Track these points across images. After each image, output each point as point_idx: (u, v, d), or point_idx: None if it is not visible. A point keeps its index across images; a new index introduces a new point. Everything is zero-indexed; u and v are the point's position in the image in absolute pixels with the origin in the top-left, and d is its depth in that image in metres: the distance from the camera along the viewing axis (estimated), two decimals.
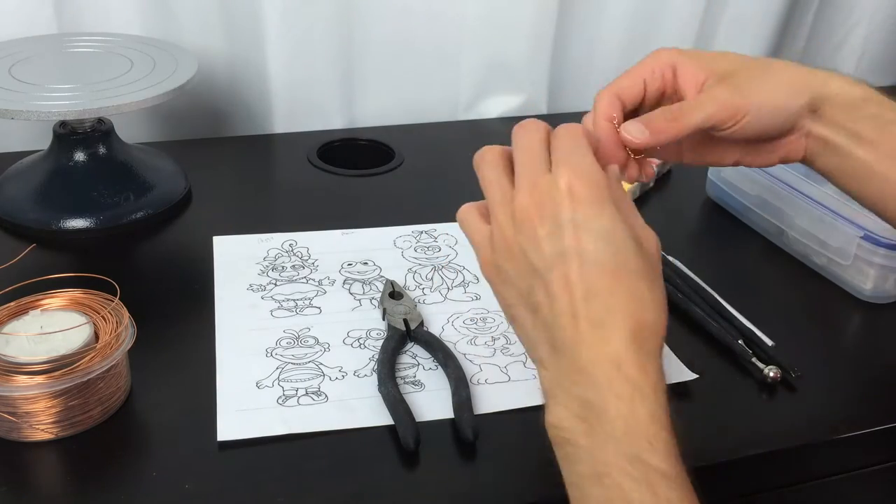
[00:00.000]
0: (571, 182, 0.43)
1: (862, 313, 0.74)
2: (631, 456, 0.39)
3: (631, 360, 0.41)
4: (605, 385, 0.41)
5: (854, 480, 0.64)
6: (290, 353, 0.64)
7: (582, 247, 0.42)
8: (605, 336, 0.41)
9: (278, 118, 1.02)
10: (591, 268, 0.42)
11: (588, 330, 0.42)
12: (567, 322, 0.42)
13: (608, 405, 0.40)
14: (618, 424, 0.40)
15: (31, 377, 0.53)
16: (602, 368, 0.41)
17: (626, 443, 0.40)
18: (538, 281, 0.44)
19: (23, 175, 0.83)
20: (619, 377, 0.41)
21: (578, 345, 0.42)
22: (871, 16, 1.24)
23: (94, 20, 0.91)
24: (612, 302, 0.42)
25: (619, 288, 0.42)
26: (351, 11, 0.99)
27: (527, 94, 1.11)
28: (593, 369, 0.41)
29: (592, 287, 0.42)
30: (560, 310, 0.42)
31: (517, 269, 0.45)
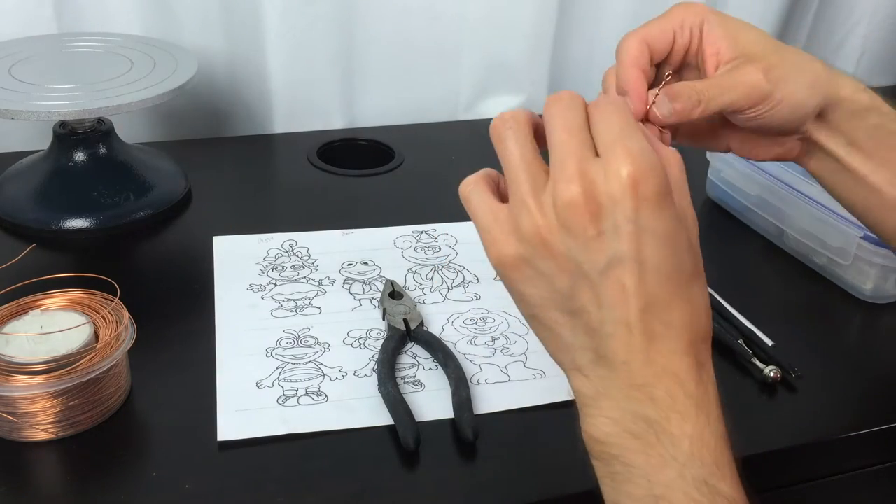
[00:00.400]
0: (634, 173, 0.37)
1: (862, 313, 0.74)
2: (698, 480, 0.37)
3: (690, 376, 0.38)
4: (666, 403, 0.38)
5: (854, 480, 0.64)
6: (290, 353, 0.64)
7: (643, 252, 0.38)
8: (662, 350, 0.38)
9: (278, 118, 1.02)
10: (651, 276, 0.38)
11: (644, 343, 0.38)
12: (621, 332, 0.38)
13: (671, 425, 0.37)
14: (683, 446, 0.37)
15: (31, 377, 0.53)
16: (663, 385, 0.38)
17: (693, 466, 0.37)
18: (584, 284, 0.39)
19: (23, 175, 0.83)
20: (682, 394, 0.38)
21: (633, 358, 0.38)
22: (871, 15, 1.25)
23: (94, 20, 0.92)
24: (671, 314, 0.38)
25: (677, 298, 0.39)
26: (351, 11, 0.99)
27: (527, 94, 1.11)
28: (653, 386, 0.38)
29: (652, 298, 0.38)
30: (613, 319, 0.38)
31: (555, 266, 0.39)
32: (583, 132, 0.39)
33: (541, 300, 0.40)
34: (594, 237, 0.38)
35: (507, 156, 0.40)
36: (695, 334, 0.39)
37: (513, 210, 0.40)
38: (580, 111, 0.40)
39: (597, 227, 0.37)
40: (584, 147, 0.39)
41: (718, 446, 0.37)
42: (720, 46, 0.51)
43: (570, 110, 0.40)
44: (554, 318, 0.40)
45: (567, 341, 0.40)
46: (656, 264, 0.38)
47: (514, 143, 0.40)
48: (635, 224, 0.37)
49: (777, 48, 0.52)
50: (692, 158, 0.99)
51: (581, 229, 0.38)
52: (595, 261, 0.38)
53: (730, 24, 0.52)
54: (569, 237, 0.38)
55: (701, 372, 0.39)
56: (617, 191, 0.37)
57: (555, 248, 0.38)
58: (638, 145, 0.38)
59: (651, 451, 0.37)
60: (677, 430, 0.37)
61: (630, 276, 0.38)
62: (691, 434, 0.37)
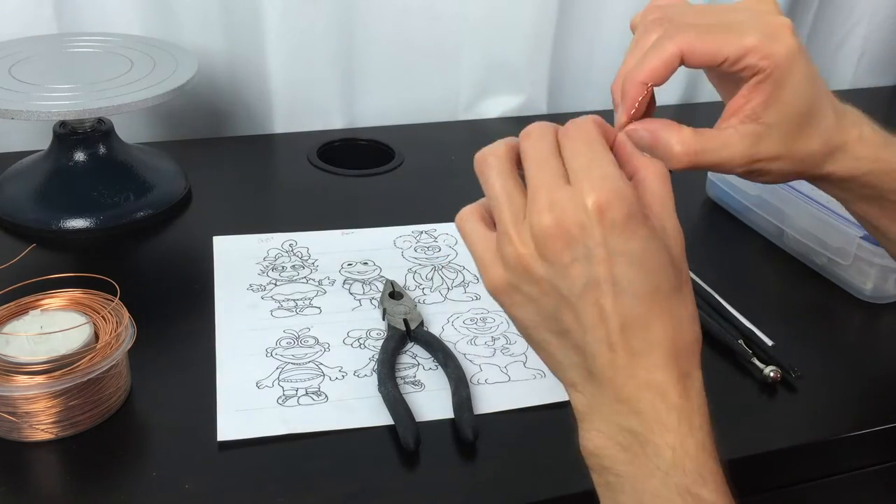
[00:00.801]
0: (599, 201, 0.39)
1: (862, 313, 0.74)
2: (681, 488, 0.38)
3: (673, 387, 0.40)
4: (650, 415, 0.39)
5: (854, 480, 0.64)
6: (290, 353, 0.64)
7: (615, 275, 0.39)
8: (645, 364, 0.40)
9: (278, 118, 1.02)
10: (626, 298, 0.39)
11: (627, 359, 0.40)
12: (603, 351, 0.40)
13: (654, 436, 0.39)
14: (665, 456, 0.39)
15: (31, 377, 0.53)
16: (646, 398, 0.40)
17: (675, 475, 0.39)
18: (566, 307, 0.40)
19: (23, 175, 0.83)
20: (665, 406, 0.39)
21: (617, 374, 0.40)
22: (871, 15, 1.25)
23: (94, 20, 0.92)
24: (650, 330, 0.40)
25: (656, 314, 0.40)
26: (351, 11, 0.99)
27: (527, 94, 1.11)
28: (636, 400, 0.40)
29: (628, 317, 0.39)
30: (594, 338, 0.40)
31: (539, 291, 0.41)
32: (552, 161, 0.41)
33: (531, 322, 0.42)
34: (569, 263, 0.39)
35: (489, 188, 0.42)
36: (677, 346, 0.40)
37: (498, 239, 0.42)
38: (549, 141, 0.42)
39: (571, 254, 0.39)
40: (555, 176, 0.40)
41: (700, 455, 0.39)
42: (756, 99, 0.47)
43: (540, 141, 0.42)
44: (545, 339, 0.42)
45: (559, 360, 0.42)
46: (630, 284, 0.39)
47: (495, 176, 0.42)
48: (605, 248, 0.39)
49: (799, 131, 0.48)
50: None
51: (556, 257, 0.40)
52: (572, 285, 0.40)
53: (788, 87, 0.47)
54: (546, 264, 0.40)
55: (685, 382, 0.40)
56: (585, 219, 0.39)
57: (536, 274, 0.40)
58: (601, 172, 0.39)
59: (637, 461, 0.39)
60: (660, 440, 0.39)
61: (606, 297, 0.39)
62: (673, 444, 0.39)
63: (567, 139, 0.42)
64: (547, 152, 0.42)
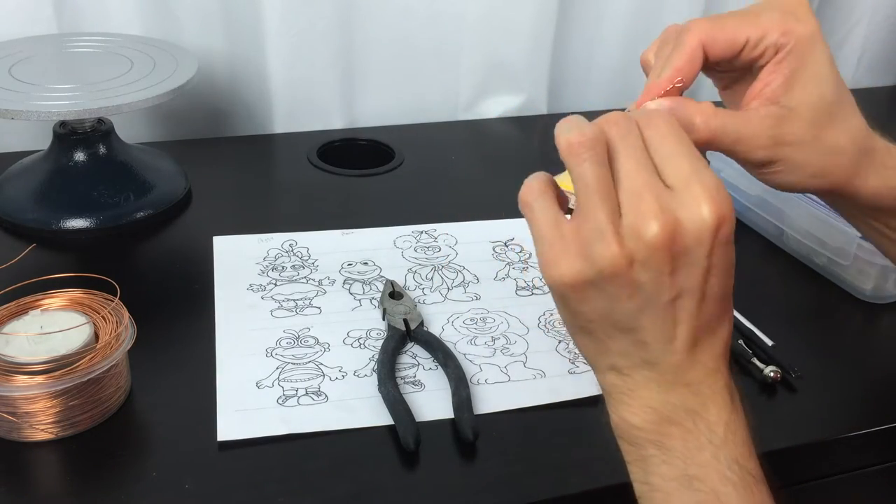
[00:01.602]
0: (718, 214, 0.38)
1: (862, 313, 0.74)
2: (730, 460, 0.39)
3: (725, 372, 0.41)
4: (707, 395, 0.41)
5: (854, 480, 0.64)
6: (290, 353, 0.64)
7: (708, 286, 0.39)
8: (710, 353, 0.41)
9: (278, 118, 1.02)
10: (710, 303, 0.40)
11: (693, 354, 0.40)
12: (675, 348, 0.40)
13: (709, 413, 0.40)
14: (718, 431, 0.40)
15: (31, 377, 0.53)
16: (707, 382, 0.41)
17: (726, 448, 0.40)
18: (649, 309, 0.39)
19: (23, 175, 0.83)
20: (722, 386, 0.41)
21: (682, 364, 0.40)
22: (871, 15, 1.25)
23: (94, 20, 0.91)
24: (720, 329, 0.41)
25: (724, 314, 0.41)
26: (351, 11, 0.99)
27: (527, 94, 1.11)
28: (699, 383, 0.41)
29: (705, 319, 0.40)
30: (667, 337, 0.40)
31: (623, 294, 0.39)
32: (648, 158, 0.39)
33: (597, 317, 0.40)
34: (669, 272, 0.38)
35: (584, 178, 0.39)
36: (728, 339, 0.42)
37: (584, 233, 0.39)
38: (638, 135, 0.39)
39: (674, 263, 0.38)
40: (655, 176, 0.38)
41: (746, 432, 0.41)
42: (776, 81, 0.46)
43: (631, 134, 0.39)
44: (606, 332, 0.41)
45: (612, 349, 0.41)
46: (716, 292, 0.40)
47: (593, 165, 0.39)
48: (709, 261, 0.38)
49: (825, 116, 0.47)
50: None
51: (660, 265, 0.38)
52: (664, 292, 0.39)
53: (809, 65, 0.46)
54: (645, 271, 0.38)
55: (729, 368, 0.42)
56: (702, 232, 0.38)
57: (629, 278, 0.38)
58: (714, 182, 0.38)
59: (689, 436, 0.40)
60: (714, 417, 0.40)
61: (693, 304, 0.39)
62: (727, 420, 0.40)
63: (655, 132, 0.39)
64: (640, 147, 0.39)
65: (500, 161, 0.99)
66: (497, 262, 0.77)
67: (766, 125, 0.46)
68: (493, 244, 0.80)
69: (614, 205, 0.38)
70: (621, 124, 0.39)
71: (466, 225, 0.83)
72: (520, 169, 0.86)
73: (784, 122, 0.46)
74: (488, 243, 0.80)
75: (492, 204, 0.86)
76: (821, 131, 0.46)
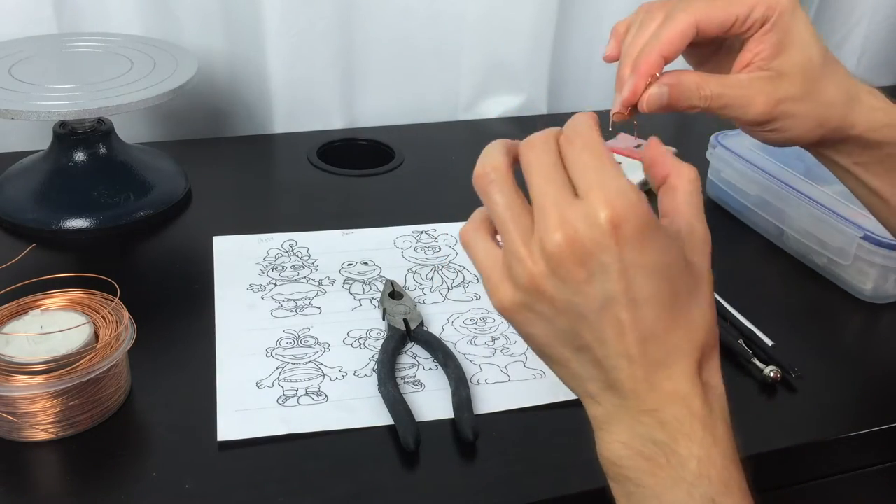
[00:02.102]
0: (613, 216, 0.37)
1: (862, 313, 0.74)
2: (705, 498, 0.38)
3: (696, 397, 0.39)
4: (674, 426, 0.39)
5: (854, 480, 0.64)
6: (290, 353, 0.64)
7: (632, 288, 0.38)
8: (667, 374, 0.39)
9: (278, 118, 1.02)
10: (644, 310, 0.39)
11: (648, 371, 0.39)
12: (624, 365, 0.39)
13: (679, 447, 0.39)
14: (691, 467, 0.39)
15: (31, 377, 0.53)
16: (670, 409, 0.39)
17: (701, 485, 0.38)
18: (583, 324, 0.39)
19: (23, 175, 0.83)
20: (689, 416, 0.39)
21: (639, 386, 0.39)
22: (871, 15, 1.24)
23: (94, 20, 0.92)
24: (671, 339, 0.39)
25: (675, 323, 0.39)
26: (351, 11, 0.99)
27: (527, 94, 1.11)
28: (660, 411, 0.39)
29: (648, 329, 0.39)
30: (614, 352, 0.39)
31: (554, 310, 0.40)
32: (558, 174, 0.40)
33: (546, 339, 0.41)
34: (584, 280, 0.38)
35: (493, 206, 0.41)
36: (698, 353, 0.40)
37: (506, 259, 0.40)
38: (552, 151, 0.40)
39: (586, 272, 0.38)
40: (562, 190, 0.39)
41: (725, 464, 0.39)
42: (765, 51, 0.50)
43: (544, 153, 0.40)
44: (561, 354, 0.41)
45: (577, 373, 0.41)
46: (649, 296, 0.38)
47: (498, 195, 0.40)
48: (622, 263, 0.38)
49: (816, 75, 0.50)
50: (693, 159, 0.99)
51: (571, 275, 0.38)
52: (589, 302, 0.39)
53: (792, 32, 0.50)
54: (560, 283, 0.39)
55: (706, 389, 0.40)
56: (599, 235, 0.37)
57: (550, 294, 0.39)
58: (613, 185, 0.38)
59: (661, 472, 0.39)
60: (685, 451, 0.39)
61: (624, 311, 0.38)
62: (699, 455, 0.39)
63: (571, 148, 0.40)
64: (551, 164, 0.40)
65: None
66: None
67: (762, 86, 0.49)
68: None
69: (526, 225, 0.39)
70: (536, 146, 0.41)
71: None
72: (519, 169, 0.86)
73: (778, 82, 0.50)
74: None
75: None
76: (813, 86, 0.50)
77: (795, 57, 0.50)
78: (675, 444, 0.39)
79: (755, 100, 0.49)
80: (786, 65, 0.50)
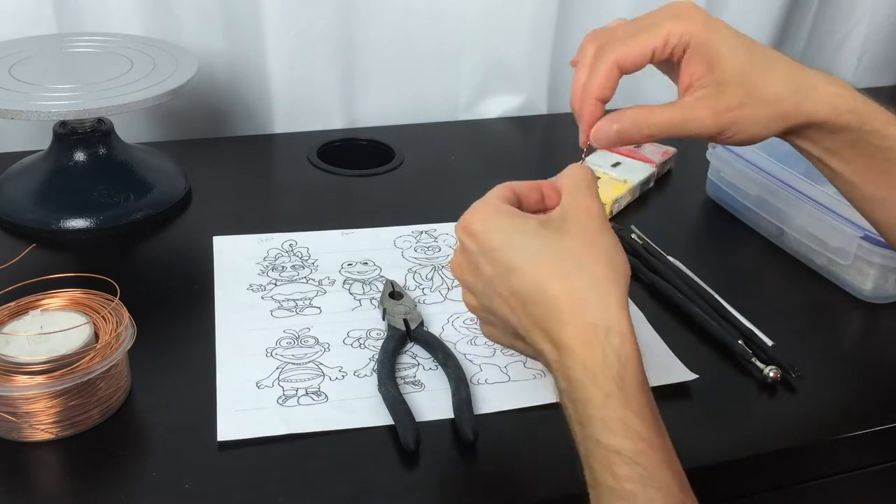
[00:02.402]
0: (461, 224, 0.50)
1: (862, 313, 0.74)
2: (590, 439, 0.43)
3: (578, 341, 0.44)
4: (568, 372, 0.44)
5: (854, 480, 0.64)
6: (290, 353, 0.64)
7: (498, 269, 0.47)
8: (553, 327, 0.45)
9: (278, 118, 1.02)
10: (511, 279, 0.46)
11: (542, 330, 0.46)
12: (529, 328, 0.46)
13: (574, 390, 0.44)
14: (581, 409, 0.44)
15: (31, 377, 0.53)
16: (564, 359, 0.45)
17: (588, 426, 0.43)
18: (494, 314, 0.49)
19: (23, 175, 0.83)
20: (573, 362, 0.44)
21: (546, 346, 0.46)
22: (871, 15, 1.25)
23: (94, 20, 0.92)
24: (543, 293, 0.45)
25: (544, 278, 0.45)
26: (351, 11, 0.99)
27: (527, 94, 1.11)
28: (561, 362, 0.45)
29: (522, 292, 0.46)
30: (517, 325, 0.47)
31: (486, 315, 0.51)
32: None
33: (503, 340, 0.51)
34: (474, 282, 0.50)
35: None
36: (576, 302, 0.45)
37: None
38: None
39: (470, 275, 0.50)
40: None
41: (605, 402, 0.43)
42: (697, 71, 0.52)
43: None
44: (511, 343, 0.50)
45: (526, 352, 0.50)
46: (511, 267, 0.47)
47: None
48: (484, 254, 0.48)
49: (753, 77, 0.52)
50: (693, 159, 0.99)
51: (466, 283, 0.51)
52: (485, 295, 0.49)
53: (714, 46, 0.52)
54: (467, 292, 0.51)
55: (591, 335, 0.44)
56: (462, 243, 0.50)
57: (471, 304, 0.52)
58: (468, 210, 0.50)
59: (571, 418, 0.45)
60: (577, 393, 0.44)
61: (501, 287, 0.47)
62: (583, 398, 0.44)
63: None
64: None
65: (500, 161, 0.99)
66: None
67: (705, 104, 0.52)
68: None
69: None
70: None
71: None
72: (520, 169, 0.86)
73: (719, 95, 0.52)
74: None
75: None
76: (753, 88, 0.52)
77: (727, 66, 0.51)
78: (571, 387, 0.44)
79: (700, 118, 0.52)
80: (721, 77, 0.51)
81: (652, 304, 0.72)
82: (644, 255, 0.78)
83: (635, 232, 0.81)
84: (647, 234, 0.81)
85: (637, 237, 0.80)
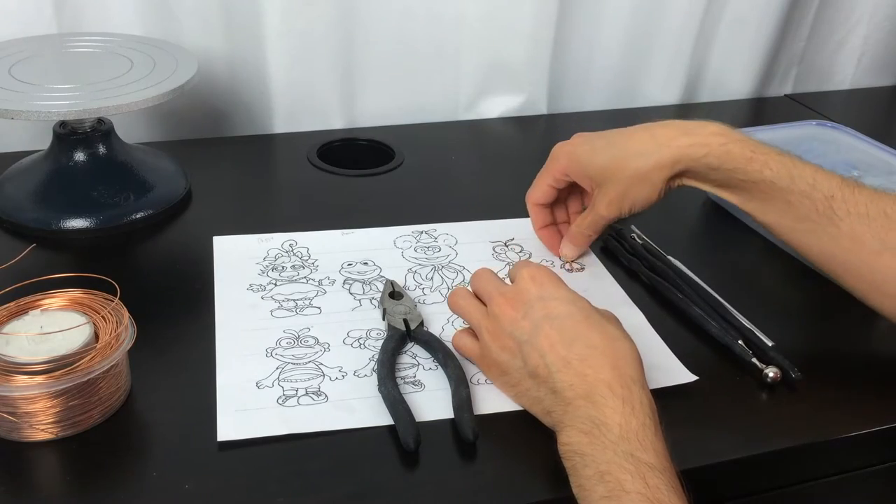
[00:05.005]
0: (532, 273, 0.59)
1: (862, 313, 0.74)
2: (626, 454, 0.48)
3: (617, 383, 0.52)
4: (602, 403, 0.51)
5: (854, 480, 0.64)
6: (290, 353, 0.64)
7: (552, 311, 0.56)
8: (592, 365, 0.53)
9: (278, 118, 1.02)
10: (564, 322, 0.56)
11: (579, 367, 0.53)
12: (561, 366, 0.54)
13: (606, 418, 0.50)
14: (614, 431, 0.50)
15: (31, 377, 0.53)
16: (598, 391, 0.52)
17: (622, 444, 0.49)
18: (528, 348, 0.56)
19: (23, 175, 0.83)
20: (612, 395, 0.51)
21: (573, 378, 0.53)
22: (871, 16, 1.25)
23: (94, 20, 0.92)
24: (590, 339, 0.55)
25: (591, 330, 0.55)
26: (351, 12, 0.99)
27: (527, 94, 1.11)
28: (592, 394, 0.52)
29: (569, 334, 0.55)
30: (553, 361, 0.54)
31: (510, 350, 0.58)
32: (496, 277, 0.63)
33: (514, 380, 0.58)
34: (520, 318, 0.57)
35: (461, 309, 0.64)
36: (616, 354, 0.54)
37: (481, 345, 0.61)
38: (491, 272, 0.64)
39: (520, 312, 0.58)
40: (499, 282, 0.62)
41: (642, 431, 0.50)
42: (584, 183, 0.72)
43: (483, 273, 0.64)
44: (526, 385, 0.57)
45: (536, 396, 0.56)
46: (564, 313, 0.56)
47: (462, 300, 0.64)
48: (541, 298, 0.58)
49: (614, 166, 0.68)
50: None
51: (510, 318, 0.58)
52: (527, 331, 0.57)
53: (581, 164, 0.71)
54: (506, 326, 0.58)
55: (630, 382, 0.52)
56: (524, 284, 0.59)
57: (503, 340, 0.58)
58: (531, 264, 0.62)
59: (596, 441, 0.50)
60: (610, 420, 0.50)
61: (550, 327, 0.56)
62: (620, 423, 0.50)
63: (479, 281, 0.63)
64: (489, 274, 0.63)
65: (500, 161, 0.99)
66: (497, 262, 0.77)
67: (599, 204, 0.71)
68: (493, 244, 0.80)
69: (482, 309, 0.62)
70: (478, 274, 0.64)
71: (466, 225, 0.83)
72: (520, 169, 0.86)
73: (602, 193, 0.70)
74: (488, 243, 0.80)
75: (492, 204, 0.86)
76: (618, 171, 0.68)
77: (594, 172, 0.70)
78: (604, 416, 0.51)
79: (602, 213, 0.71)
80: (597, 179, 0.70)
81: (652, 305, 0.72)
82: (644, 255, 0.78)
83: (635, 232, 0.81)
84: (647, 234, 0.81)
85: (637, 237, 0.80)
